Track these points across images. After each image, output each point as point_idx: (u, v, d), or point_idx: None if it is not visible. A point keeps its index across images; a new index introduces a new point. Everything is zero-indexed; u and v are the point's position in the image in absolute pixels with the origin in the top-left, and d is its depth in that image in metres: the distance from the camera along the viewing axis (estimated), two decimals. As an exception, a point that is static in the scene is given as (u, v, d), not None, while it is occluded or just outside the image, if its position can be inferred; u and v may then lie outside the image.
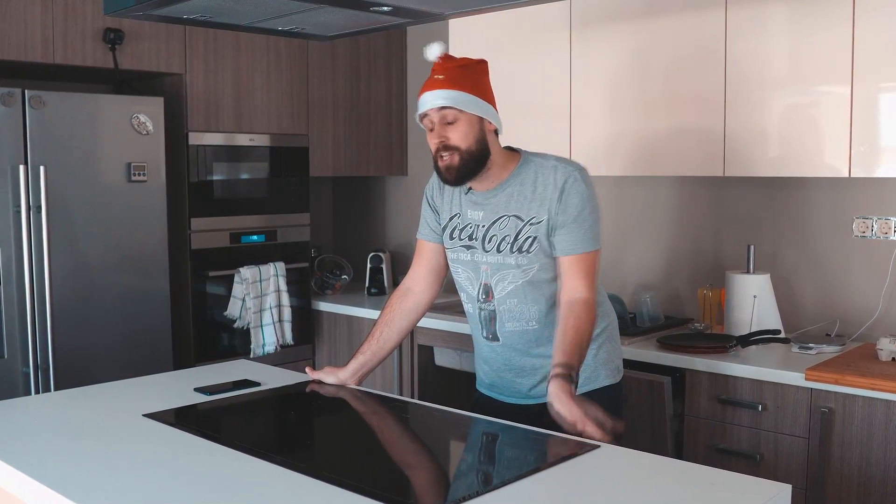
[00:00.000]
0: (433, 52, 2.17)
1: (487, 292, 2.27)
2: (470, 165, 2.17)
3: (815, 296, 3.18)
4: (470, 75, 2.17)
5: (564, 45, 3.37)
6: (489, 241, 2.24)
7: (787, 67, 2.84)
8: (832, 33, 2.72)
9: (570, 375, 2.00)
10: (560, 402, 1.95)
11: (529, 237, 2.19)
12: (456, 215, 2.32)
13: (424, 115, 2.18)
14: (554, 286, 2.23)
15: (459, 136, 2.15)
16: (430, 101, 2.15)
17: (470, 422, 2.15)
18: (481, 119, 2.16)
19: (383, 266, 4.29)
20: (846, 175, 2.74)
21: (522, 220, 2.20)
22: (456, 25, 3.67)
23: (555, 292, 2.23)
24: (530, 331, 2.25)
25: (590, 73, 3.32)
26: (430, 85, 2.16)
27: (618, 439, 1.96)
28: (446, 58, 2.18)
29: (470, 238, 2.28)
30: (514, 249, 2.20)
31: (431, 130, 2.18)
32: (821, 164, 2.82)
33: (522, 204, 2.21)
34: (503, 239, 2.22)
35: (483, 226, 2.25)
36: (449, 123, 2.15)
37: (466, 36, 3.64)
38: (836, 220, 3.12)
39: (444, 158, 2.17)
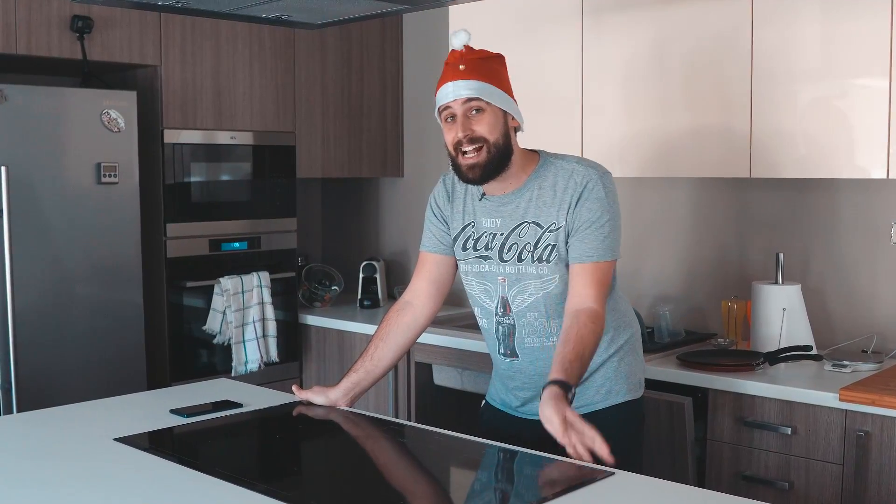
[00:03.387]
0: (459, 39, 2.20)
1: (505, 305, 2.28)
2: (496, 161, 2.20)
3: (850, 308, 3.18)
4: (492, 67, 2.22)
5: (575, 36, 3.37)
6: (508, 251, 2.25)
7: (819, 59, 2.85)
8: (869, 21, 2.73)
9: (566, 386, 1.98)
10: (549, 407, 1.92)
11: (549, 245, 2.21)
12: (469, 224, 2.33)
13: (446, 107, 2.20)
14: None
15: (486, 128, 2.18)
16: (454, 91, 2.18)
17: (473, 446, 2.15)
18: (505, 113, 2.21)
19: (377, 276, 4.28)
20: (883, 176, 2.74)
21: (542, 227, 2.22)
22: (456, 13, 3.67)
23: None
24: (550, 346, 2.24)
25: (603, 66, 3.32)
26: (452, 75, 2.19)
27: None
28: (467, 49, 2.21)
29: (486, 248, 2.29)
30: (535, 258, 2.22)
31: (451, 123, 2.20)
32: (855, 165, 2.82)
33: (542, 209, 2.23)
34: (524, 247, 2.24)
35: (501, 234, 2.27)
36: (475, 113, 2.18)
37: (467, 25, 3.62)
38: (872, 225, 3.12)
39: (469, 155, 2.18)
